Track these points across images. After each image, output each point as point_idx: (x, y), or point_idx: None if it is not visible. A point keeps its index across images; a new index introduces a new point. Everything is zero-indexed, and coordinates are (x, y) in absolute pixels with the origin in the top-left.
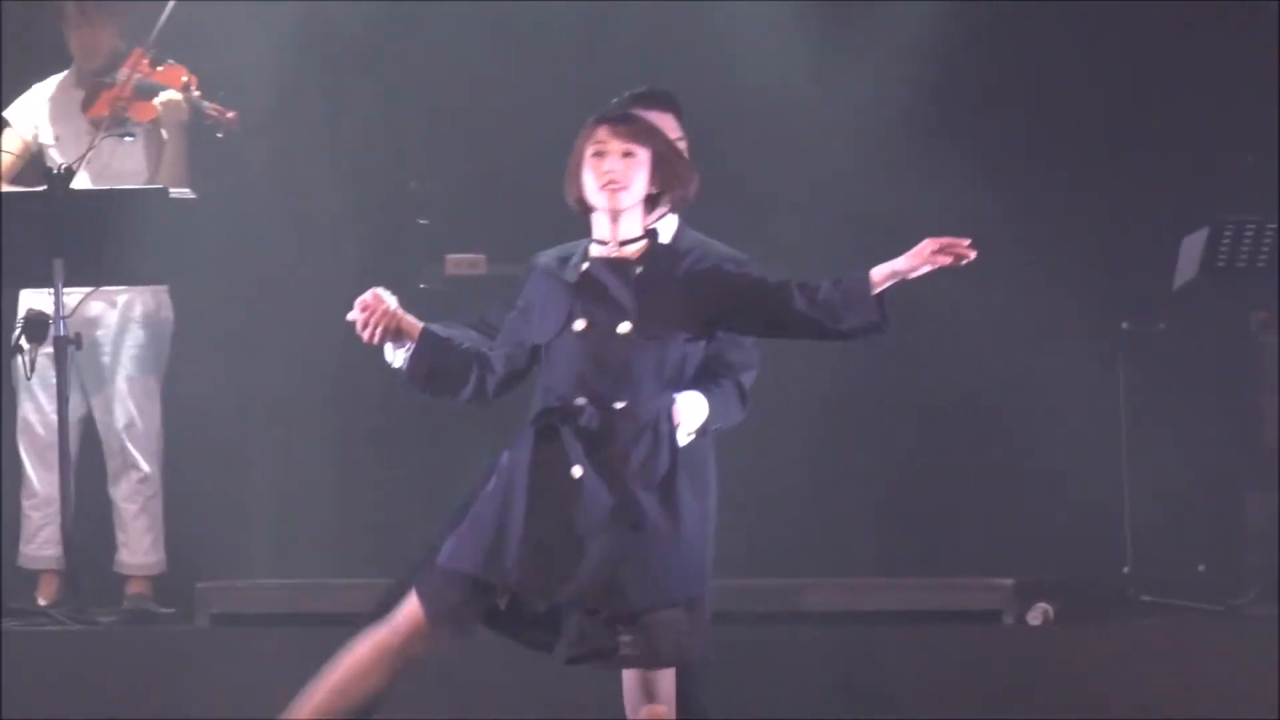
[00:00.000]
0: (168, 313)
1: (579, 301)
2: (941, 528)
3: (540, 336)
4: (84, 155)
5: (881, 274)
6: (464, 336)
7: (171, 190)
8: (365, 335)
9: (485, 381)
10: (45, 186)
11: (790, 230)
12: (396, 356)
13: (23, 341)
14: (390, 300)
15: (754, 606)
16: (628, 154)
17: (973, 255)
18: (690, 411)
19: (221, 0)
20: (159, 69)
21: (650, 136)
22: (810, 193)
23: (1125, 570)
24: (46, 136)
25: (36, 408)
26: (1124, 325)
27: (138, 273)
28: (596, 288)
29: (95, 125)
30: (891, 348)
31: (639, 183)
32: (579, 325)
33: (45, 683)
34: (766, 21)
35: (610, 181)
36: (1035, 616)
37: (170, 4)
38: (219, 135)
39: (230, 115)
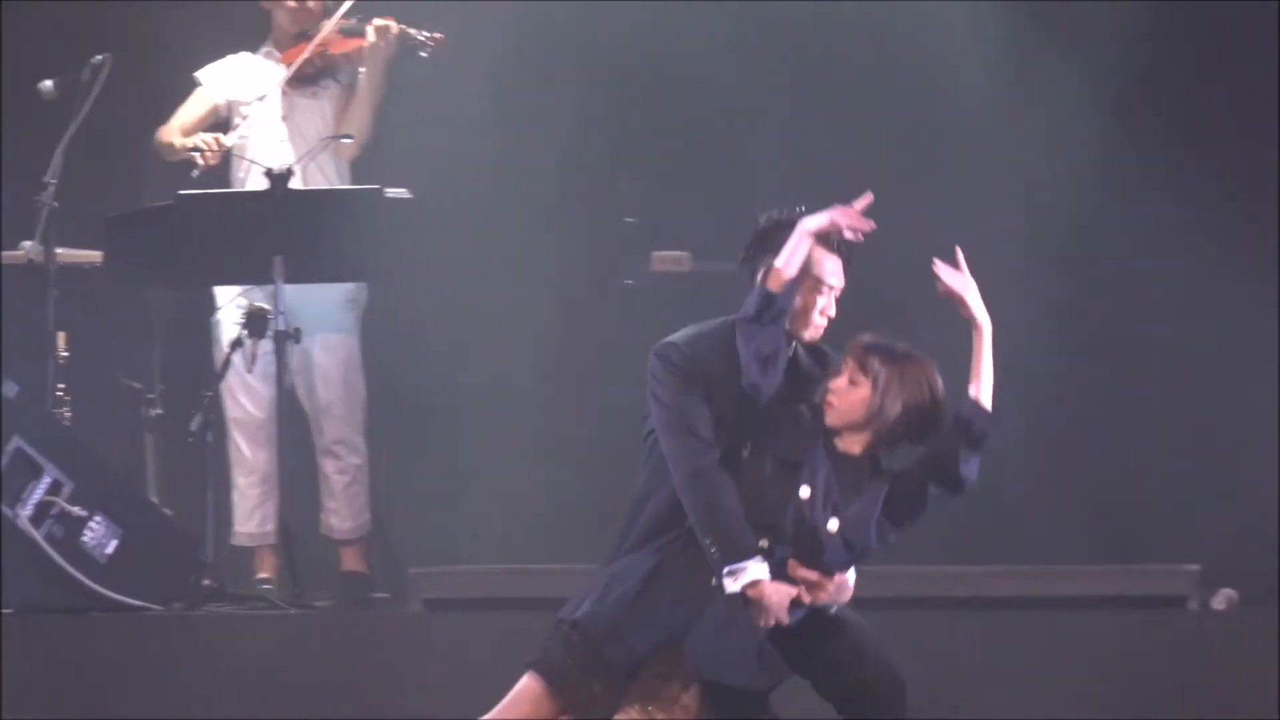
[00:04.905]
0: (364, 293)
1: None
2: (1125, 514)
3: None
4: (308, 152)
5: None
6: None
7: (387, 190)
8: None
9: None
10: (267, 186)
11: (989, 231)
12: None
13: (244, 335)
14: None
15: (938, 593)
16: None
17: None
18: None
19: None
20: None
21: None
22: (1005, 194)
23: None
24: (239, 97)
25: (250, 391)
26: None
27: (355, 270)
28: None
29: (292, 79)
30: (1080, 339)
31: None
32: None
33: (263, 665)
34: (961, 22)
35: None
36: (1220, 602)
37: None
38: (423, 55)
39: (437, 36)
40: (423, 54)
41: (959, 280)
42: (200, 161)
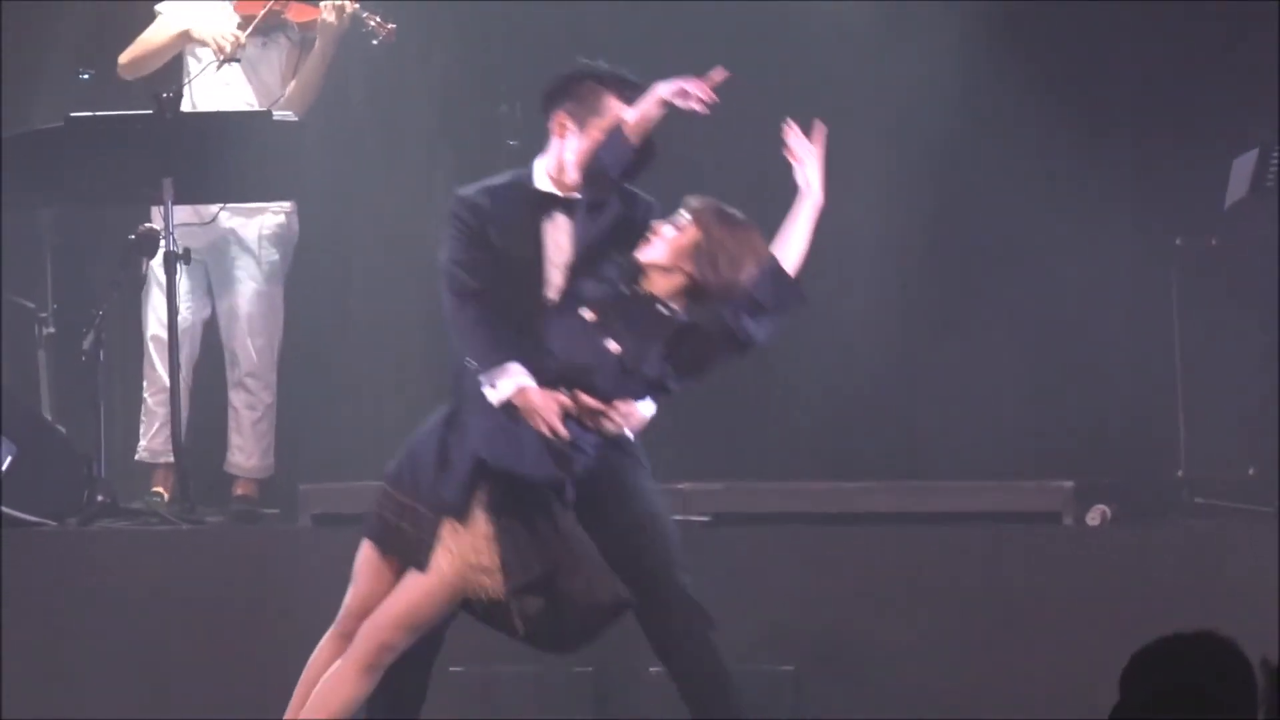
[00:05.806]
0: (295, 230)
1: None
2: (1002, 432)
3: None
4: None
5: None
6: None
7: (275, 113)
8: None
9: None
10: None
11: (856, 152)
12: None
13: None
14: None
15: (815, 508)
16: None
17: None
18: None
19: None
20: None
21: None
22: (873, 119)
23: (1179, 474)
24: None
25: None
26: (1177, 241)
27: (242, 191)
28: None
29: (243, 25)
30: (948, 256)
31: None
32: None
33: (155, 579)
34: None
35: None
36: (1094, 518)
37: None
38: (374, 43)
39: (390, 27)
40: (374, 41)
41: (806, 148)
42: (220, 55)
